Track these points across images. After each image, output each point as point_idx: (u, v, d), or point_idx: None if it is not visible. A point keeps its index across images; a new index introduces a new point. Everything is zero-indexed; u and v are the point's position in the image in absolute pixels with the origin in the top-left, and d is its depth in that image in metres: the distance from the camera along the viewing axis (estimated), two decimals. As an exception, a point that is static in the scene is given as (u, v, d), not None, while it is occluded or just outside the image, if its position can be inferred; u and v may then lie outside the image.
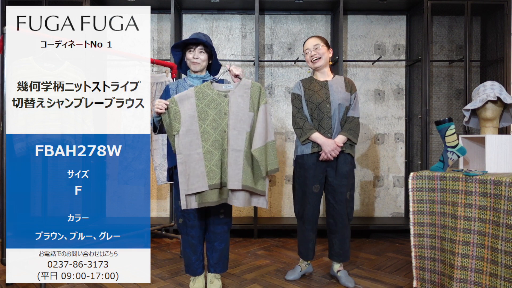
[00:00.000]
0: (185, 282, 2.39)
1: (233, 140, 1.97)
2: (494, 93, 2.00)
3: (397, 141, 3.85)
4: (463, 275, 1.81)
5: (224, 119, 1.99)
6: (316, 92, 2.36)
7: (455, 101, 3.82)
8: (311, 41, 2.39)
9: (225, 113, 2.00)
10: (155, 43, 3.81)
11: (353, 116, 2.37)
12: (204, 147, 1.96)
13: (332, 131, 2.33)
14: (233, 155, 1.96)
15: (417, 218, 2.01)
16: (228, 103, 2.00)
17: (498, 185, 1.70)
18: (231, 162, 1.96)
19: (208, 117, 1.98)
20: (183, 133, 1.94)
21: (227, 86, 2.03)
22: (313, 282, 2.41)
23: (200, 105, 1.98)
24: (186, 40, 2.12)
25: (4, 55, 2.18)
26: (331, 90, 2.36)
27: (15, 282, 2.35)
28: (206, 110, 1.98)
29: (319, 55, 2.36)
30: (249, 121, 2.00)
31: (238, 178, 1.94)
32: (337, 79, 2.44)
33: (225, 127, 1.99)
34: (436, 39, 3.81)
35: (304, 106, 2.38)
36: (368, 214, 3.85)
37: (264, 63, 3.83)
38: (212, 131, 1.98)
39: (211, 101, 1.99)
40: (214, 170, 1.96)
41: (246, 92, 2.01)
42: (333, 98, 2.34)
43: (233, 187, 1.95)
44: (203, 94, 1.99)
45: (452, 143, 1.99)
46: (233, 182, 1.95)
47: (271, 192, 3.84)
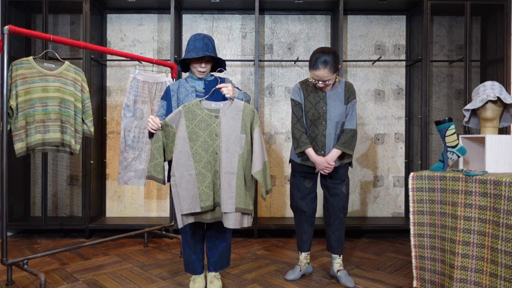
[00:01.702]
0: (185, 282, 2.39)
1: (226, 162, 1.97)
2: (494, 93, 2.00)
3: (397, 141, 3.85)
4: (463, 275, 1.82)
5: (215, 141, 1.98)
6: (314, 106, 2.34)
7: (455, 101, 3.82)
8: (322, 75, 2.21)
9: (216, 135, 1.98)
10: (155, 43, 3.81)
11: (349, 128, 2.35)
12: (196, 169, 1.96)
13: (325, 148, 2.35)
14: (227, 177, 1.96)
15: (417, 218, 2.01)
16: (219, 124, 1.98)
17: (498, 185, 1.70)
18: (224, 185, 1.96)
19: (199, 138, 1.97)
20: (176, 154, 1.96)
21: (216, 105, 2.01)
22: (313, 282, 2.41)
23: (190, 125, 1.96)
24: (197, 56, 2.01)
25: (4, 55, 2.18)
26: (329, 105, 2.33)
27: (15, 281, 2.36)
28: (196, 131, 1.97)
29: (327, 88, 2.34)
30: (241, 143, 1.99)
31: (232, 202, 1.96)
32: (337, 88, 2.36)
33: (216, 149, 1.98)
34: (436, 39, 3.81)
35: (303, 116, 2.39)
36: (368, 214, 3.86)
37: (264, 63, 3.83)
38: (204, 153, 1.97)
39: (201, 122, 1.97)
40: (206, 192, 1.97)
41: (238, 114, 2.00)
42: (330, 115, 2.32)
43: (227, 210, 1.96)
44: (192, 114, 1.97)
45: (452, 143, 1.99)
46: (227, 205, 1.96)
47: (270, 192, 3.84)
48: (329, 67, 2.19)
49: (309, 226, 2.50)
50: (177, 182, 1.95)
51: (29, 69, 2.46)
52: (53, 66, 2.57)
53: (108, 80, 3.81)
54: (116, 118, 3.79)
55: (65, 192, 3.78)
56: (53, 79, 2.56)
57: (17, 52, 3.52)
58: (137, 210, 3.81)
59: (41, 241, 3.36)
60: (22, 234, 3.61)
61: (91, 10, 3.42)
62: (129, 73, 3.80)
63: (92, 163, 3.47)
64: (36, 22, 3.76)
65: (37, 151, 2.56)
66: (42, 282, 2.16)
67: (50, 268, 2.63)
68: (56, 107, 2.57)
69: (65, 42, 2.40)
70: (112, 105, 3.80)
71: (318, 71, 2.21)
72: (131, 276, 2.50)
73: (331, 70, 2.20)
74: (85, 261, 2.80)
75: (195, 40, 2.07)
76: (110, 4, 3.63)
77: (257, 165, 1.98)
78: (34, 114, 2.50)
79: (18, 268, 2.59)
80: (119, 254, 2.98)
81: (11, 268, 2.31)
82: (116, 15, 3.80)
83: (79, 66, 3.65)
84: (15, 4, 3.46)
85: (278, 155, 3.83)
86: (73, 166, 3.78)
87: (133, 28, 3.81)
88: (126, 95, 3.03)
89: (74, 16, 3.76)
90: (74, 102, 2.66)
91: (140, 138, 3.09)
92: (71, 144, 2.67)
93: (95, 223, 3.47)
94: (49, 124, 2.56)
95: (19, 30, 2.18)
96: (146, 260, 2.83)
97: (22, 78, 2.44)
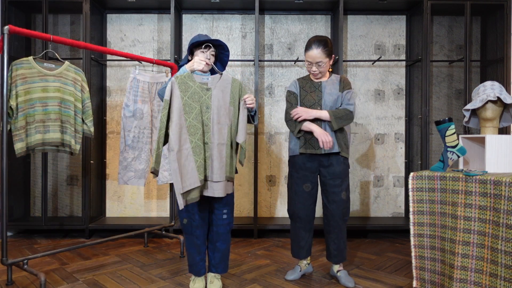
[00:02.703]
0: (185, 282, 2.39)
1: (217, 134, 2.02)
2: (494, 93, 2.00)
3: (397, 141, 3.85)
4: (463, 275, 1.82)
5: (206, 113, 2.01)
6: (309, 94, 2.36)
7: (455, 101, 3.82)
8: (315, 55, 2.26)
9: (207, 107, 2.02)
10: (155, 43, 3.81)
11: (345, 108, 2.31)
12: (192, 142, 1.96)
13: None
14: (218, 148, 2.01)
15: (417, 218, 2.01)
16: (210, 96, 2.02)
17: (498, 185, 1.70)
18: (216, 155, 2.00)
19: (193, 110, 1.98)
20: (173, 127, 1.92)
21: (204, 79, 2.05)
22: (313, 282, 2.41)
23: (184, 97, 1.97)
24: (209, 40, 2.09)
25: (4, 55, 2.18)
26: (324, 92, 2.34)
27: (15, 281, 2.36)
28: (190, 103, 1.98)
29: (321, 74, 2.34)
30: (230, 115, 2.06)
31: (223, 170, 2.02)
32: (332, 80, 2.39)
33: (207, 121, 2.01)
34: (436, 39, 3.81)
35: (299, 104, 2.39)
36: (368, 214, 3.86)
37: (264, 63, 3.83)
38: (199, 125, 1.99)
39: (194, 94, 2.00)
40: (202, 165, 1.99)
41: (226, 87, 2.07)
42: (325, 101, 2.32)
43: (219, 179, 2.00)
44: (185, 86, 1.98)
45: (452, 143, 1.99)
46: (220, 174, 2.01)
47: (270, 192, 3.84)
48: (322, 48, 2.25)
49: (306, 232, 2.42)
50: (177, 157, 1.89)
51: (29, 69, 2.46)
52: (53, 66, 2.57)
53: (108, 80, 3.81)
54: (116, 118, 3.79)
55: (65, 192, 3.78)
56: (53, 79, 2.56)
57: (17, 52, 3.52)
58: (137, 210, 3.81)
59: (41, 241, 3.36)
60: (22, 234, 3.61)
61: (91, 10, 3.43)
62: (129, 73, 3.80)
63: (92, 163, 3.47)
64: (36, 22, 3.76)
65: (37, 151, 2.56)
66: (42, 282, 2.16)
67: (50, 268, 2.63)
68: (56, 107, 2.57)
69: (65, 42, 2.40)
70: (112, 105, 3.80)
71: (311, 51, 2.26)
72: (131, 276, 2.50)
73: (324, 52, 2.26)
74: (85, 261, 2.80)
75: (200, 36, 2.15)
76: (110, 4, 3.63)
77: (242, 136, 2.08)
78: (34, 114, 2.50)
79: (18, 268, 2.59)
80: (119, 254, 2.98)
81: (11, 268, 2.31)
82: (116, 15, 3.80)
83: (79, 66, 3.65)
84: (15, 4, 3.46)
85: (278, 155, 3.83)
86: (73, 166, 3.78)
87: (133, 28, 3.81)
88: (126, 95, 3.03)
89: (74, 16, 3.76)
90: (74, 102, 2.66)
91: (140, 138, 3.09)
92: (71, 144, 2.67)
93: (95, 223, 3.47)
94: (49, 124, 2.56)
95: (19, 30, 2.18)
96: (146, 260, 2.83)
97: (22, 78, 2.44)
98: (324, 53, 2.26)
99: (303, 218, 2.39)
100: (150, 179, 3.82)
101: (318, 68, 2.30)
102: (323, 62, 2.28)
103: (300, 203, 2.37)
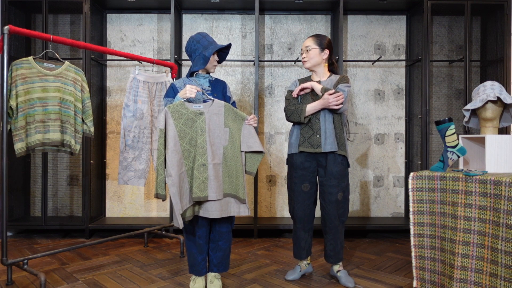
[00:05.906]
0: (185, 282, 2.39)
1: (213, 154, 2.08)
2: (494, 93, 2.00)
3: (397, 141, 3.85)
4: (463, 275, 1.82)
5: (201, 136, 2.08)
6: (308, 93, 2.37)
7: (455, 101, 3.82)
8: (306, 41, 2.39)
9: (202, 130, 2.08)
10: (155, 43, 3.81)
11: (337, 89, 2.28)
12: (186, 165, 2.05)
13: (320, 132, 2.29)
14: (215, 168, 2.07)
15: (417, 218, 2.01)
16: (204, 120, 2.10)
17: (498, 185, 1.70)
18: (213, 175, 2.05)
19: (187, 135, 2.06)
20: (169, 154, 2.00)
21: (197, 106, 2.10)
22: (313, 282, 2.41)
23: (178, 124, 2.05)
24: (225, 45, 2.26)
25: (4, 55, 2.18)
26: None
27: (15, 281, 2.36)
28: (184, 129, 2.05)
29: (307, 58, 2.37)
30: (225, 136, 2.14)
31: (221, 189, 2.08)
32: (331, 79, 2.39)
33: (203, 143, 2.07)
34: (436, 39, 3.81)
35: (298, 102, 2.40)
36: (368, 214, 3.86)
37: (264, 63, 3.83)
38: (192, 149, 2.06)
39: (188, 120, 2.07)
40: (197, 186, 2.05)
41: (220, 110, 2.14)
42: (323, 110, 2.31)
43: (218, 197, 2.05)
44: (178, 114, 2.05)
45: (452, 143, 1.99)
46: (218, 193, 2.06)
47: (270, 192, 3.84)
48: (315, 37, 2.37)
49: (306, 233, 2.42)
50: (174, 181, 1.98)
51: (29, 69, 2.46)
52: (53, 66, 2.57)
53: (108, 80, 3.81)
54: (116, 118, 3.79)
55: (65, 192, 3.78)
56: (53, 79, 2.56)
57: (17, 52, 3.52)
58: (137, 210, 3.81)
59: (41, 241, 3.36)
60: (22, 234, 3.61)
61: (91, 10, 3.43)
62: (129, 73, 3.81)
63: (92, 163, 3.48)
64: (36, 22, 3.76)
65: (37, 151, 2.56)
66: (42, 282, 2.16)
67: (50, 268, 2.63)
68: (56, 107, 2.57)
69: (65, 42, 2.40)
70: (112, 105, 3.80)
71: (305, 41, 2.44)
72: (131, 276, 2.50)
73: (314, 39, 2.36)
74: (85, 261, 2.80)
75: (205, 36, 2.20)
76: (110, 4, 3.63)
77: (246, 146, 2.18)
78: (34, 114, 2.50)
79: (18, 268, 2.59)
80: (119, 254, 2.98)
81: (11, 268, 2.31)
82: (116, 15, 3.80)
83: (79, 66, 3.65)
84: (15, 4, 3.46)
85: (278, 155, 3.83)
86: (73, 166, 3.78)
87: (133, 28, 3.81)
88: (126, 95, 3.03)
89: (74, 16, 3.76)
90: (74, 102, 2.66)
91: (140, 138, 3.09)
92: (71, 144, 2.67)
93: (95, 223, 3.47)
94: (49, 124, 2.56)
95: (19, 30, 2.18)
96: (146, 260, 2.83)
97: (22, 78, 2.44)
98: (314, 41, 2.36)
99: (302, 218, 2.39)
100: (150, 179, 3.82)
101: (306, 53, 2.37)
102: (311, 47, 2.35)
103: (299, 203, 2.38)
